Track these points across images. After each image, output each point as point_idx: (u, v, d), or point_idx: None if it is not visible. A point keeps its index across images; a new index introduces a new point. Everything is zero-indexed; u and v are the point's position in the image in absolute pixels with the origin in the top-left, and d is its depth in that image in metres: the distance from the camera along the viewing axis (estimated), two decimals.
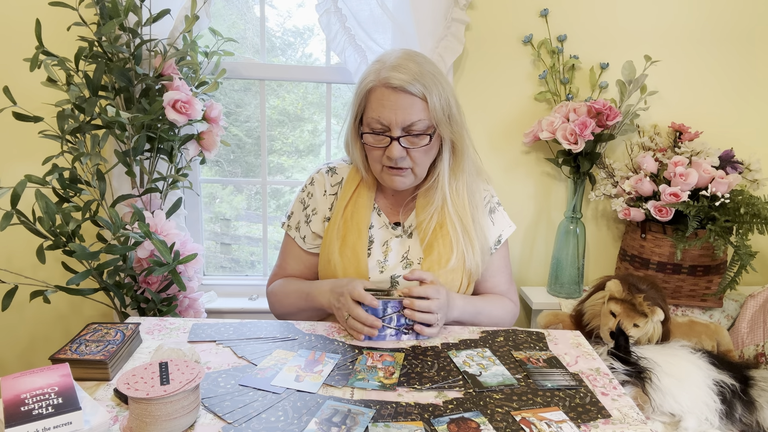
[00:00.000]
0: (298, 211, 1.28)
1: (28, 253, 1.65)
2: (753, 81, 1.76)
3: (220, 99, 1.88)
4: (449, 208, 1.19)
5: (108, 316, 1.74)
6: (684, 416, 1.08)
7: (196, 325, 1.08)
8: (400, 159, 1.11)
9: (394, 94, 1.08)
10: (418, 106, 1.09)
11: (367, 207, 1.22)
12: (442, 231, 1.19)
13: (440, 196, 1.19)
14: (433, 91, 1.10)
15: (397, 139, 1.10)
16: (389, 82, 1.08)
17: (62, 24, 1.46)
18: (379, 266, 1.20)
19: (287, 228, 1.29)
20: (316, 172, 1.29)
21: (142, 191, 1.46)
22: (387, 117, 1.09)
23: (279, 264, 1.32)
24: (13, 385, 0.73)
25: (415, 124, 1.09)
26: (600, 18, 1.70)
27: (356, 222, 1.20)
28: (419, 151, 1.13)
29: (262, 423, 0.77)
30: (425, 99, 1.09)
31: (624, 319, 1.25)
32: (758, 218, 1.42)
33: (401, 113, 1.08)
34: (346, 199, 1.22)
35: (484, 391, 0.87)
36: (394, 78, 1.08)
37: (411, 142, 1.11)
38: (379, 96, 1.10)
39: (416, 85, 1.08)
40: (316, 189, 1.26)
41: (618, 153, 1.79)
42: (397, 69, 1.09)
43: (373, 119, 1.11)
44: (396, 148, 1.10)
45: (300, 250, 1.28)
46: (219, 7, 1.83)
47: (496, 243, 1.27)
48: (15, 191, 1.22)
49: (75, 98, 1.35)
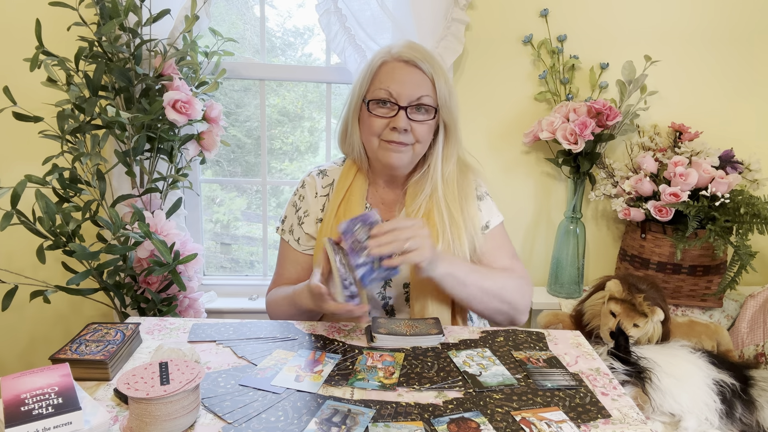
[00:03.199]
0: (291, 215, 1.28)
1: (28, 253, 1.65)
2: (753, 81, 1.76)
3: (220, 99, 1.88)
4: (439, 195, 1.18)
5: (108, 316, 1.74)
6: (684, 416, 1.08)
7: (196, 325, 1.08)
8: (403, 132, 1.12)
9: (406, 67, 1.12)
10: (427, 84, 1.13)
11: (359, 205, 1.22)
12: (429, 221, 1.17)
13: (430, 185, 1.19)
14: (440, 76, 1.14)
15: (405, 109, 1.11)
16: (401, 56, 1.12)
17: (62, 24, 1.46)
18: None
19: (281, 232, 1.30)
20: (307, 176, 1.29)
21: (142, 191, 1.46)
22: (397, 88, 1.11)
23: (277, 272, 1.33)
24: (13, 385, 0.73)
25: (423, 99, 1.12)
26: (600, 18, 1.70)
27: None
28: (424, 126, 1.14)
29: (262, 423, 0.77)
30: (433, 81, 1.13)
31: (624, 319, 1.25)
32: (758, 218, 1.42)
33: (411, 86, 1.11)
34: (338, 199, 1.22)
35: (484, 391, 0.87)
36: (407, 53, 1.12)
37: (417, 115, 1.13)
38: (390, 69, 1.13)
39: (426, 65, 1.12)
40: (307, 192, 1.27)
41: (618, 153, 1.79)
42: (408, 47, 1.14)
43: (381, 90, 1.12)
44: (402, 119, 1.11)
45: (296, 253, 1.28)
46: (219, 7, 1.83)
47: (484, 228, 1.23)
48: (15, 191, 1.22)
49: (75, 98, 1.35)
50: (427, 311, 1.17)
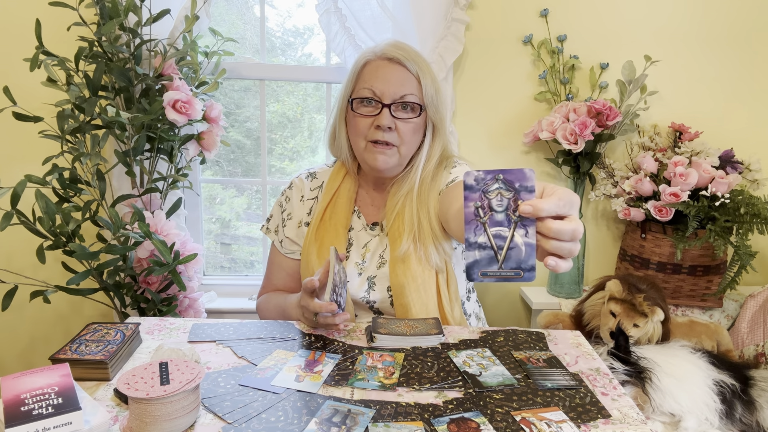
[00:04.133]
0: (276, 215, 1.28)
1: (28, 253, 1.66)
2: (753, 81, 1.76)
3: (220, 99, 1.88)
4: (414, 194, 1.16)
5: (108, 316, 1.74)
6: (684, 416, 1.08)
7: (196, 325, 1.08)
8: (387, 131, 1.10)
9: (390, 65, 1.10)
10: (412, 82, 1.11)
11: (347, 209, 1.21)
12: (399, 219, 1.16)
13: (409, 184, 1.17)
14: (426, 75, 1.12)
15: (388, 107, 1.09)
16: (386, 54, 1.11)
17: (62, 24, 1.46)
18: (358, 268, 1.19)
19: (266, 231, 1.30)
20: (296, 177, 1.29)
21: (142, 191, 1.46)
22: (380, 87, 1.09)
23: (266, 276, 1.33)
24: (13, 385, 0.73)
25: (407, 97, 1.10)
26: (600, 18, 1.70)
27: (335, 224, 1.19)
28: (408, 126, 1.12)
29: (262, 423, 0.77)
30: (419, 79, 1.11)
31: (624, 319, 1.25)
32: (758, 218, 1.42)
33: (395, 84, 1.09)
34: (325, 201, 1.22)
35: (484, 391, 0.87)
36: (391, 51, 1.10)
37: (400, 114, 1.11)
38: (374, 68, 1.11)
39: (411, 63, 1.10)
40: (293, 194, 1.26)
41: (618, 153, 1.79)
42: (393, 46, 1.12)
43: (365, 89, 1.11)
44: (386, 116, 1.09)
45: (280, 257, 1.27)
46: (219, 7, 1.83)
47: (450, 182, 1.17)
48: (15, 191, 1.22)
49: (75, 98, 1.35)
50: (411, 313, 1.14)
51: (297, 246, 1.26)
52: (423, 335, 1.02)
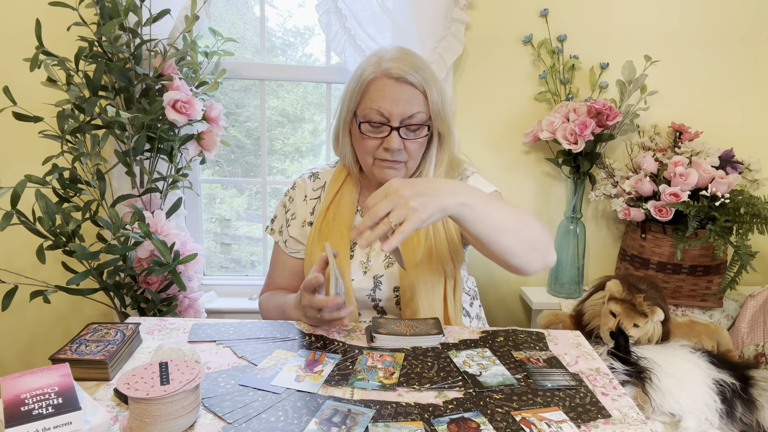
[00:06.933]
0: (280, 215, 1.28)
1: (28, 253, 1.66)
2: (753, 81, 1.76)
3: (220, 99, 1.88)
4: None
5: (108, 316, 1.74)
6: (684, 416, 1.08)
7: (196, 325, 1.08)
8: (397, 151, 1.10)
9: (396, 84, 1.08)
10: (419, 98, 1.10)
11: (350, 208, 1.21)
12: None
13: None
14: (432, 86, 1.11)
15: (397, 130, 1.09)
16: (391, 73, 1.08)
17: (62, 24, 1.46)
18: (363, 267, 1.19)
19: (271, 231, 1.30)
20: (299, 177, 1.29)
21: (142, 191, 1.46)
22: (388, 107, 1.08)
23: (268, 274, 1.33)
24: (13, 385, 0.73)
25: (415, 116, 1.09)
26: (600, 18, 1.70)
27: (338, 224, 1.20)
28: (416, 143, 1.12)
29: (262, 423, 0.77)
30: (425, 92, 1.10)
31: (624, 319, 1.25)
32: (758, 218, 1.42)
33: (403, 104, 1.08)
34: (328, 201, 1.22)
35: (484, 391, 0.87)
36: (396, 69, 1.08)
37: (409, 134, 1.11)
38: (380, 87, 1.09)
39: (417, 77, 1.08)
40: (297, 194, 1.27)
41: (618, 153, 1.79)
42: (398, 61, 1.09)
43: (372, 110, 1.09)
44: (395, 139, 1.09)
45: (284, 256, 1.28)
46: (219, 7, 1.83)
47: None
48: (15, 191, 1.22)
49: (75, 98, 1.35)
50: (419, 315, 1.15)
51: (301, 245, 1.27)
52: (423, 335, 1.02)
